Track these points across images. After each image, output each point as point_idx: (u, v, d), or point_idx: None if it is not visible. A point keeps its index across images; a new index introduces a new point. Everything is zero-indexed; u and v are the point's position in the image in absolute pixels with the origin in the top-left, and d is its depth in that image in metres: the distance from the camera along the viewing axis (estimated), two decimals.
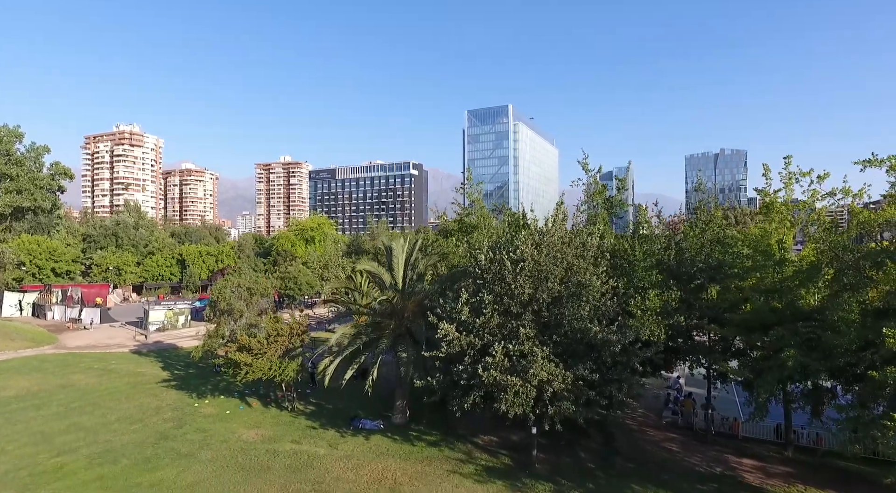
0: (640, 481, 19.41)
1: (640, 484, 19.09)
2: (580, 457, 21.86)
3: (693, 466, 21.25)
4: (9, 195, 48.43)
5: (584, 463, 21.26)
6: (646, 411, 28.93)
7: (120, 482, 18.48)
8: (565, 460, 21.41)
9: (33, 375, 33.22)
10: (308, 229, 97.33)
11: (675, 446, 23.63)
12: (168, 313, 53.11)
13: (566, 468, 20.52)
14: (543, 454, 21.43)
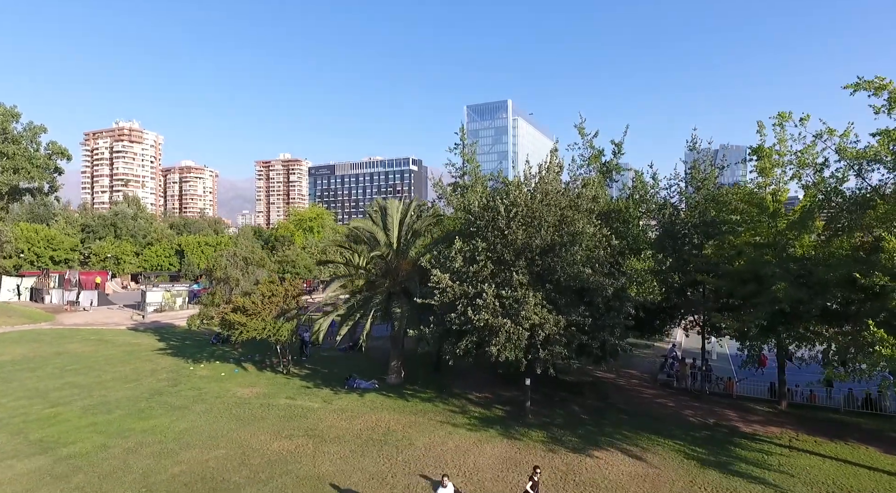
0: (633, 429, 19.39)
1: (633, 431, 19.07)
2: (573, 410, 21.83)
3: (686, 417, 21.22)
4: (5, 174, 48.43)
5: (578, 415, 21.22)
6: (641, 374, 28.94)
7: (113, 428, 18.50)
8: (558, 413, 21.38)
9: (30, 344, 33.30)
10: (307, 219, 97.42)
11: (669, 402, 23.61)
12: (166, 295, 53.18)
13: (559, 419, 20.49)
14: (537, 409, 21.40)
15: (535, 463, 14.08)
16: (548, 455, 16.65)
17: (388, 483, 14.47)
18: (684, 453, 17.08)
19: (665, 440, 18.21)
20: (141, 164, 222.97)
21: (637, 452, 17.05)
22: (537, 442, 17.81)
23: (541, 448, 17.25)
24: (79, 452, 16.26)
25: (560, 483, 14.70)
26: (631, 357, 31.16)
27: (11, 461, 15.48)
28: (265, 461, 15.80)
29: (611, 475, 15.25)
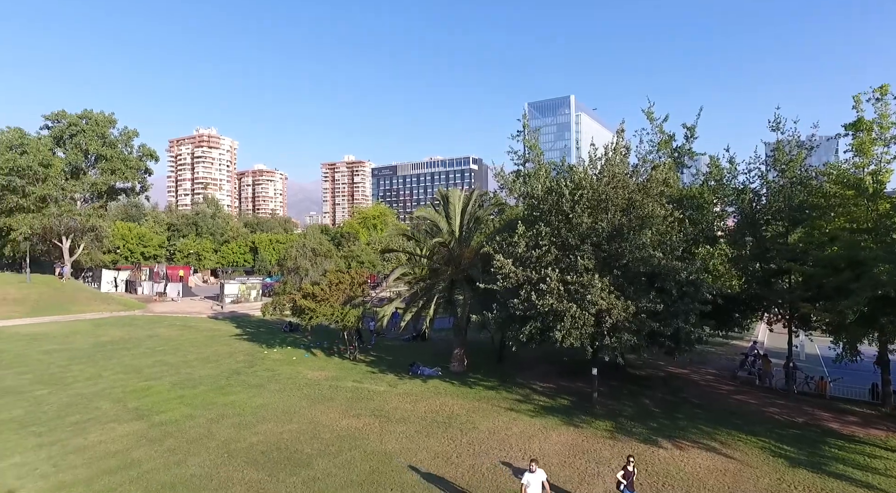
0: (710, 423, 18.27)
1: (710, 426, 17.98)
2: (643, 403, 20.91)
3: (771, 415, 19.72)
4: (104, 175, 53.35)
5: (648, 408, 20.30)
6: (719, 371, 27.28)
7: (198, 400, 19.86)
8: (626, 404, 20.57)
9: (125, 328, 36.50)
10: (371, 218, 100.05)
11: (751, 399, 22.06)
12: (242, 287, 56.44)
13: (627, 411, 19.70)
14: (604, 400, 20.69)
15: (629, 453, 13.00)
16: (616, 445, 16.05)
17: (453, 463, 14.52)
18: (770, 450, 15.89)
19: (747, 436, 17.03)
20: (218, 168, 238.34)
21: (716, 446, 16.06)
22: (604, 432, 17.23)
23: (608, 438, 16.67)
24: (169, 419, 17.59)
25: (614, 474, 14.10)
26: (706, 354, 29.49)
27: (114, 425, 17.00)
28: (335, 436, 16.35)
29: (686, 468, 14.46)
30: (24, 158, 46.51)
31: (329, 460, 14.52)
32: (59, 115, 51.87)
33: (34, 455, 14.55)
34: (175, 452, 14.92)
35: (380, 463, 14.35)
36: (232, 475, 13.42)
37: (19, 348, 29.41)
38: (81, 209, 53.81)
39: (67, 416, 17.85)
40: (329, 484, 13.00)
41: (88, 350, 28.98)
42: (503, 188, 29.61)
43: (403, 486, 12.99)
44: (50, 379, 22.63)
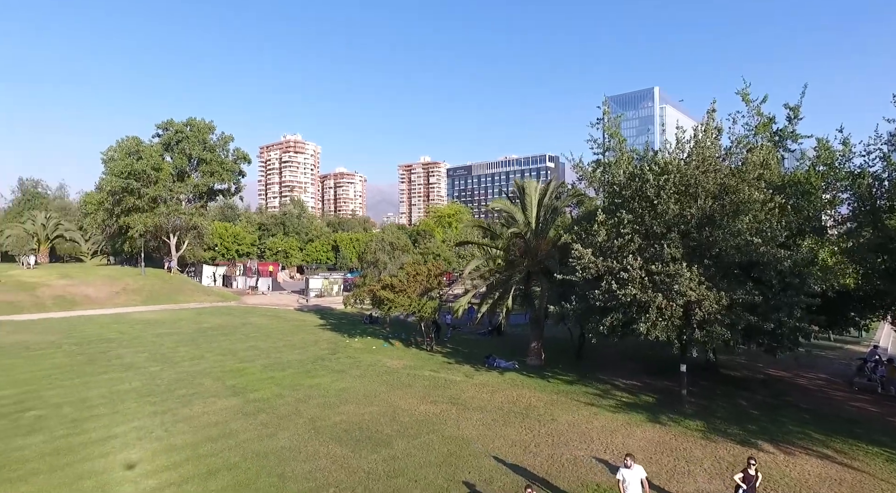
0: (822, 430, 16.45)
1: (822, 433, 16.19)
2: (740, 404, 19.30)
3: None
4: (205, 177, 58.53)
5: (745, 410, 18.70)
6: (830, 376, 24.61)
7: (286, 382, 21.10)
8: (720, 405, 19.08)
9: (223, 316, 39.67)
10: (446, 216, 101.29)
11: (871, 407, 19.65)
12: (325, 282, 59.33)
13: (721, 412, 18.26)
14: (694, 400, 19.35)
15: (750, 455, 11.56)
16: (709, 445, 14.94)
17: (532, 452, 14.25)
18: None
19: (868, 445, 15.16)
20: (303, 171, 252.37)
21: (829, 454, 14.45)
22: (695, 431, 16.10)
23: (699, 437, 15.56)
24: (261, 397, 18.82)
25: (726, 475, 13.04)
26: (815, 357, 26.73)
27: (214, 399, 18.49)
28: (413, 420, 16.65)
29: (792, 473, 13.15)
30: (140, 162, 52.15)
31: (408, 441, 14.81)
32: (167, 123, 57.66)
33: (150, 421, 16.16)
34: (267, 426, 15.92)
35: (457, 447, 14.40)
36: (318, 449, 14.08)
37: (136, 331, 32.90)
38: (186, 209, 59.32)
39: (176, 390, 19.67)
40: (408, 463, 13.25)
41: (192, 335, 31.82)
42: (581, 180, 28.71)
43: (481, 470, 12.93)
44: (161, 358, 25.08)
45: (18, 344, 27.75)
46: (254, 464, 13.07)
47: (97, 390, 19.38)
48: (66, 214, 79.03)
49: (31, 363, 23.48)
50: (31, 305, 41.18)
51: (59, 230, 70.12)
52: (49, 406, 17.46)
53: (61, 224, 70.69)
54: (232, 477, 12.34)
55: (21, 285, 44.92)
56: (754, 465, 10.86)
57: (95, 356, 25.14)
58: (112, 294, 46.69)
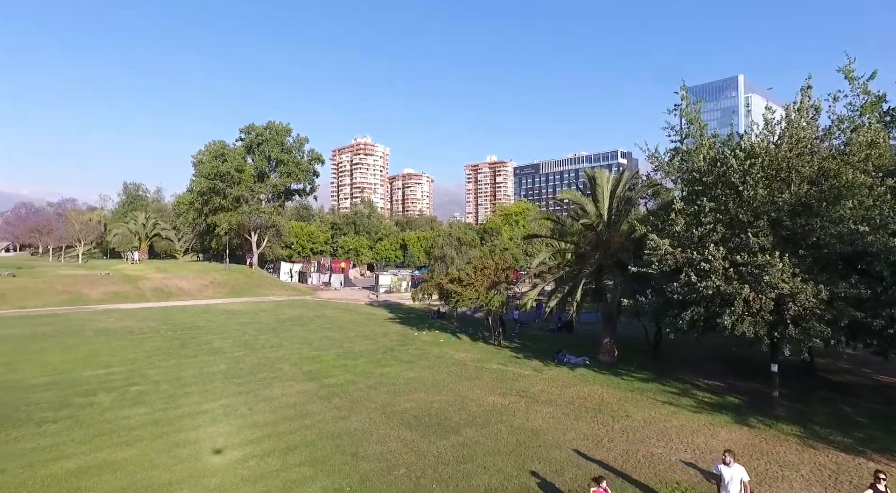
0: None
1: None
2: (843, 410, 17.50)
3: None
4: (283, 177, 61.96)
5: (850, 417, 16.92)
6: None
7: (358, 369, 21.79)
8: (818, 410, 17.39)
9: (299, 309, 41.72)
10: (513, 214, 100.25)
11: None
12: (394, 279, 60.76)
13: (820, 417, 16.63)
14: (788, 403, 17.78)
15: (878, 468, 10.29)
16: (807, 451, 13.67)
17: (605, 447, 13.73)
18: None
19: None
20: (372, 173, 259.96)
21: None
22: (789, 436, 14.79)
23: (795, 442, 14.27)
24: (335, 383, 19.56)
25: (829, 482, 11.89)
26: None
27: (292, 383, 19.47)
28: (482, 410, 16.60)
29: None
30: (225, 164, 56.08)
31: (476, 430, 14.77)
32: (249, 127, 61.61)
33: (235, 400, 17.28)
34: (341, 409, 16.50)
35: (526, 438, 14.18)
36: (389, 433, 14.40)
37: (222, 320, 35.36)
38: (265, 208, 63.03)
39: (258, 373, 20.90)
40: (477, 451, 13.21)
41: (272, 325, 33.72)
42: (657, 170, 27.32)
43: (551, 461, 12.64)
44: (244, 344, 26.77)
45: (125, 329, 30.70)
46: (328, 443, 13.59)
47: (189, 371, 21.01)
48: (162, 215, 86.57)
49: (136, 346, 25.88)
50: (134, 295, 45.47)
51: (157, 229, 76.95)
52: (150, 383, 19.15)
53: (158, 224, 77.55)
54: (309, 453, 12.90)
55: (126, 277, 49.71)
56: (884, 480, 9.49)
57: (188, 341, 27.27)
58: (201, 287, 50.52)
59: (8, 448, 12.90)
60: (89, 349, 24.73)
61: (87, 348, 24.91)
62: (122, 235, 75.13)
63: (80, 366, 21.47)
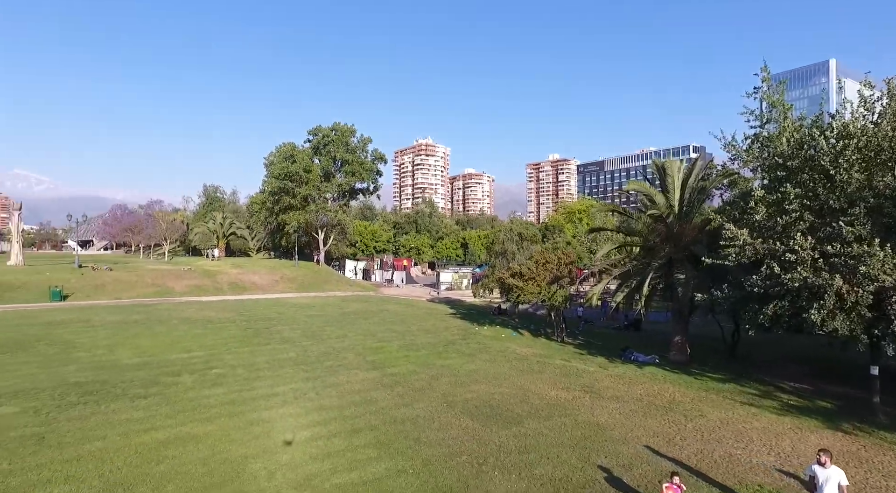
0: None
1: None
2: None
3: None
4: (347, 177, 64.09)
5: None
6: None
7: (420, 360, 22.06)
8: None
9: (363, 303, 42.92)
10: (576, 212, 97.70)
11: None
12: (454, 276, 61.15)
13: None
14: (889, 409, 16.08)
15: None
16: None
17: (677, 445, 13.02)
18: None
19: None
20: (433, 174, 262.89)
21: None
22: (893, 444, 13.34)
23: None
24: (398, 372, 19.90)
25: None
26: None
27: (356, 371, 20.03)
28: (544, 403, 16.28)
29: None
30: (294, 165, 58.77)
31: (539, 422, 14.49)
32: (316, 129, 64.27)
33: (303, 384, 18.01)
34: (403, 397, 16.75)
35: (591, 432, 13.72)
36: (451, 421, 14.44)
37: (291, 312, 37.03)
38: (331, 207, 65.40)
39: (324, 361, 21.67)
40: (540, 442, 12.95)
41: (337, 317, 34.90)
42: (734, 159, 25.63)
43: (618, 456, 12.15)
44: (312, 335, 27.87)
45: (205, 318, 32.89)
46: (392, 428, 13.83)
47: (262, 358, 22.13)
48: (237, 215, 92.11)
49: (214, 333, 27.64)
50: (212, 288, 48.66)
51: (233, 229, 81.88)
52: (227, 367, 20.37)
53: (234, 223, 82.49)
54: (373, 437, 13.18)
55: (205, 272, 53.30)
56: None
57: (260, 331, 28.78)
58: (272, 282, 53.22)
59: (108, 418, 14.15)
60: (174, 336, 26.68)
61: (173, 335, 26.89)
62: (202, 234, 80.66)
63: (167, 350, 23.20)
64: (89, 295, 41.96)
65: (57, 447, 12.11)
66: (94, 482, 10.40)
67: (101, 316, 32.72)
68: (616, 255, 24.55)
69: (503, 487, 10.47)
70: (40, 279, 42.88)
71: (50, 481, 10.39)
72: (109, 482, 10.41)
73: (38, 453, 11.74)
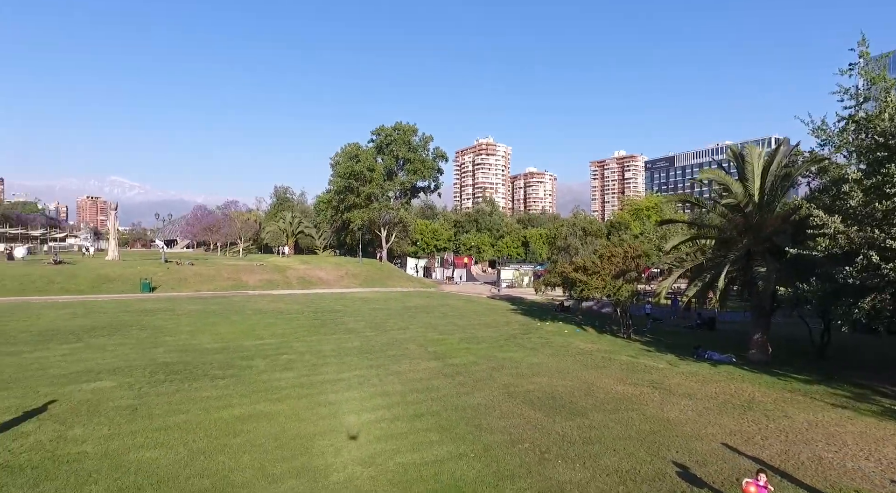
0: None
1: None
2: None
3: None
4: (409, 175, 65.25)
5: None
6: None
7: (481, 353, 22.01)
8: None
9: (424, 299, 43.50)
10: (644, 209, 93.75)
11: None
12: (515, 273, 60.52)
13: None
14: None
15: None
16: None
17: (758, 445, 12.13)
18: None
19: None
20: (494, 173, 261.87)
21: None
22: None
23: None
24: (459, 363, 19.97)
25: None
26: None
27: (418, 360, 20.30)
28: (609, 397, 15.72)
29: None
30: (358, 164, 60.59)
31: (605, 414, 14.01)
32: (379, 129, 65.96)
33: (367, 371, 18.47)
34: (464, 386, 16.77)
35: (661, 427, 13.08)
36: (512, 410, 14.28)
37: (356, 305, 38.16)
38: (394, 205, 66.82)
39: (387, 350, 22.13)
40: (605, 434, 12.50)
41: (399, 310, 35.56)
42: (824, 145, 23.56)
43: (692, 452, 11.49)
44: (375, 326, 28.57)
45: (276, 310, 34.59)
46: (453, 414, 13.86)
47: (328, 346, 22.94)
48: (305, 215, 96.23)
49: (285, 323, 29.01)
50: (282, 283, 51.10)
51: (301, 227, 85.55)
52: (296, 353, 21.28)
53: (302, 222, 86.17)
54: (435, 421, 13.28)
55: (276, 268, 56.06)
56: None
57: (327, 322, 29.86)
58: (338, 277, 55.10)
59: (190, 395, 15.19)
60: (248, 324, 28.24)
61: (247, 324, 28.48)
62: (273, 233, 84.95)
63: (242, 337, 24.60)
64: (173, 287, 45.31)
65: (148, 417, 13.13)
66: (180, 449, 11.18)
67: (184, 306, 35.22)
68: (687, 248, 23.25)
69: (567, 475, 10.20)
70: (133, 272, 46.84)
71: (143, 446, 11.28)
72: (193, 449, 11.16)
73: (132, 421, 12.79)
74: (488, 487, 9.69)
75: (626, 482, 9.94)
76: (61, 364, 18.19)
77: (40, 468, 10.04)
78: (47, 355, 19.58)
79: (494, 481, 9.93)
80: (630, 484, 9.87)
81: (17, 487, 9.27)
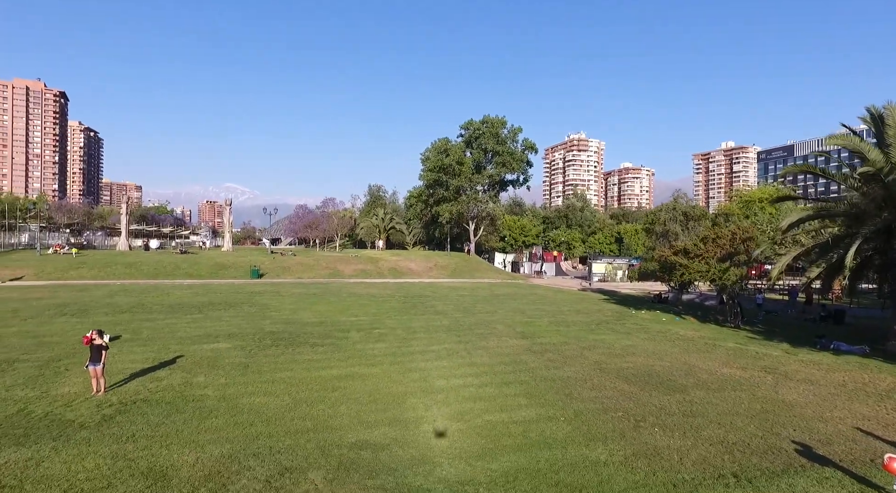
0: None
1: None
2: None
3: None
4: (498, 168, 65.06)
5: None
6: None
7: (571, 335, 21.42)
8: None
9: (512, 288, 43.39)
10: (756, 201, 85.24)
11: None
12: (608, 267, 58.08)
13: None
14: None
15: None
16: None
17: (894, 430, 10.59)
18: None
19: None
20: (586, 169, 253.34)
21: None
22: None
23: None
24: (547, 342, 19.60)
25: None
26: None
27: (506, 338, 20.23)
28: (714, 378, 14.57)
29: None
30: (447, 158, 61.52)
31: (709, 393, 13.00)
32: (468, 123, 66.51)
33: (455, 345, 18.74)
34: (553, 362, 16.41)
35: (775, 407, 11.87)
36: (604, 382, 13.74)
37: (444, 292, 38.86)
38: (482, 198, 67.03)
39: (474, 329, 22.28)
40: (709, 409, 11.60)
41: (487, 297, 35.64)
42: None
43: (814, 431, 10.30)
44: (463, 309, 28.89)
45: (369, 294, 36.25)
46: (542, 384, 13.64)
47: (418, 323, 23.58)
48: (396, 212, 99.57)
49: (377, 305, 30.29)
50: (375, 273, 53.41)
51: (392, 223, 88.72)
52: (388, 328, 22.13)
53: (394, 219, 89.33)
54: (523, 389, 13.15)
55: (369, 259, 58.71)
56: None
57: (416, 304, 30.72)
58: (427, 268, 56.43)
59: (293, 358, 16.40)
60: (344, 305, 29.86)
61: (343, 304, 30.12)
62: (367, 228, 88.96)
63: (338, 314, 26.06)
64: (278, 275, 49.12)
65: (257, 372, 14.37)
66: (285, 397, 12.11)
67: (288, 290, 38.04)
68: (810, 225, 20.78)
69: (664, 441, 9.62)
70: (244, 261, 51.53)
71: (254, 393, 12.38)
72: (296, 398, 12.03)
73: (244, 375, 14.07)
74: (578, 446, 9.41)
75: (733, 452, 9.16)
76: (186, 329, 20.48)
77: (172, 403, 11.39)
78: (176, 322, 22.13)
79: (585, 441, 9.63)
80: (738, 454, 9.08)
81: (154, 415, 10.59)
